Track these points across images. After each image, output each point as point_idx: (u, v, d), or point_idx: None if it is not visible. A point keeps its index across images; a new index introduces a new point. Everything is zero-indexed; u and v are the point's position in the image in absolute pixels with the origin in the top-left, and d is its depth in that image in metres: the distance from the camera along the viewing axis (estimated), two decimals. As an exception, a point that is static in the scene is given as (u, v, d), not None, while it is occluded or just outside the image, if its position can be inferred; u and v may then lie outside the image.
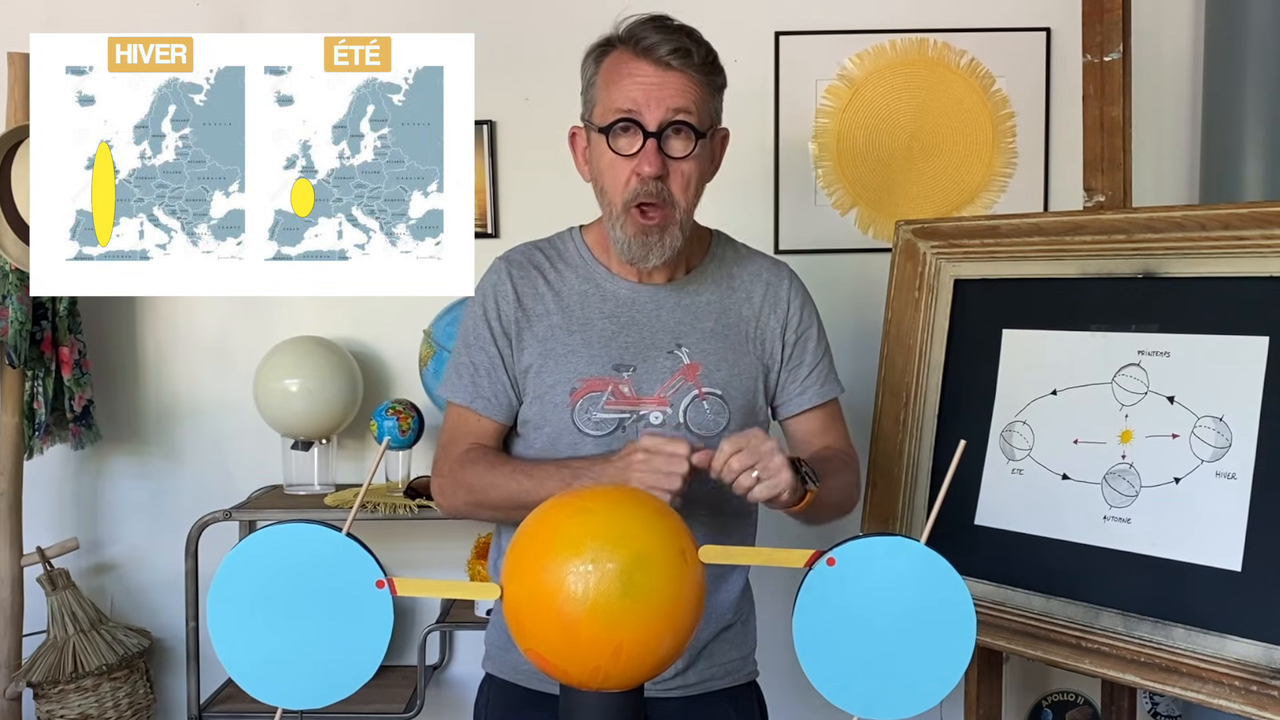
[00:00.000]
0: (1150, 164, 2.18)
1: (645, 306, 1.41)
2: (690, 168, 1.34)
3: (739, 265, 1.48)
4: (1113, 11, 1.66)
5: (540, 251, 1.46)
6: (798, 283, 1.50)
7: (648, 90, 1.31)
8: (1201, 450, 1.46)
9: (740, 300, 1.45)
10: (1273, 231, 1.40)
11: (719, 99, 1.40)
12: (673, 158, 1.32)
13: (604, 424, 1.38)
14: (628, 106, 1.31)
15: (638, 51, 1.32)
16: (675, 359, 1.40)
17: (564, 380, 1.38)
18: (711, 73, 1.36)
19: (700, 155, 1.35)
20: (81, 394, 2.20)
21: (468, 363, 1.44)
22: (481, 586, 0.93)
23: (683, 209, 1.35)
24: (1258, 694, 1.34)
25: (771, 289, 1.47)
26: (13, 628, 2.15)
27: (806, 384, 1.48)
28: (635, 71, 1.32)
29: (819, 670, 0.88)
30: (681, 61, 1.32)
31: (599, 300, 1.42)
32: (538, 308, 1.42)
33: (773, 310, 1.46)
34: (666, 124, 1.31)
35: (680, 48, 1.32)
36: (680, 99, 1.32)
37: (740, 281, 1.46)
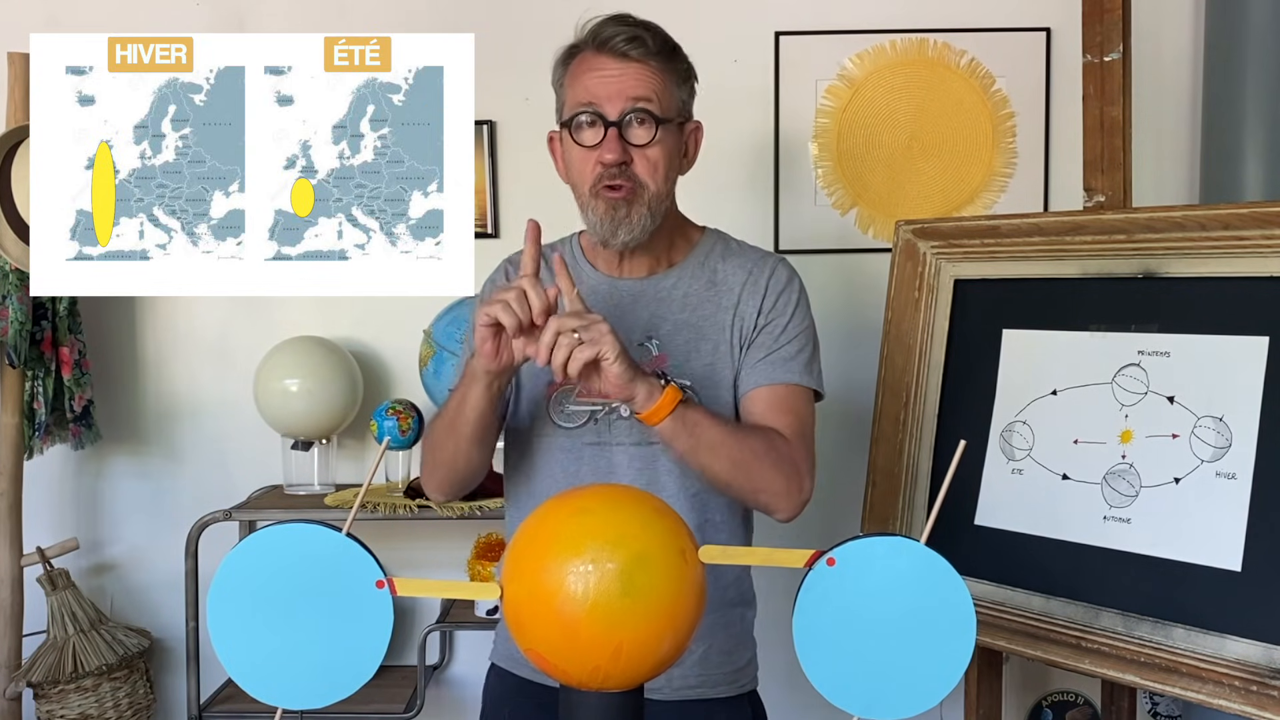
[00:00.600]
0: (1150, 164, 2.18)
1: (622, 300, 1.42)
2: (655, 153, 1.35)
3: (726, 260, 1.45)
4: (1113, 11, 1.66)
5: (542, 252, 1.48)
6: (783, 272, 1.44)
7: (607, 82, 1.33)
8: (1201, 450, 1.46)
9: (721, 293, 1.43)
10: (1273, 231, 1.40)
11: (685, 90, 1.40)
12: (635, 145, 1.34)
13: (575, 416, 1.39)
14: (588, 99, 1.34)
15: (597, 47, 1.35)
16: (645, 351, 1.40)
17: (543, 373, 1.40)
18: (672, 60, 1.37)
19: (664, 142, 1.35)
20: (81, 394, 2.20)
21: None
22: (481, 586, 0.93)
23: (651, 191, 1.35)
24: (1258, 694, 1.34)
25: (753, 278, 1.43)
26: (13, 628, 2.15)
27: (759, 365, 1.40)
28: (595, 66, 1.35)
29: (819, 670, 0.88)
30: (639, 51, 1.33)
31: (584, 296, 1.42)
32: None
33: (750, 297, 1.42)
34: (627, 113, 1.33)
35: (635, 37, 1.34)
36: (639, 88, 1.33)
37: (723, 275, 1.44)
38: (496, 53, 1.69)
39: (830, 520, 2.33)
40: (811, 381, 1.42)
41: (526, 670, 1.44)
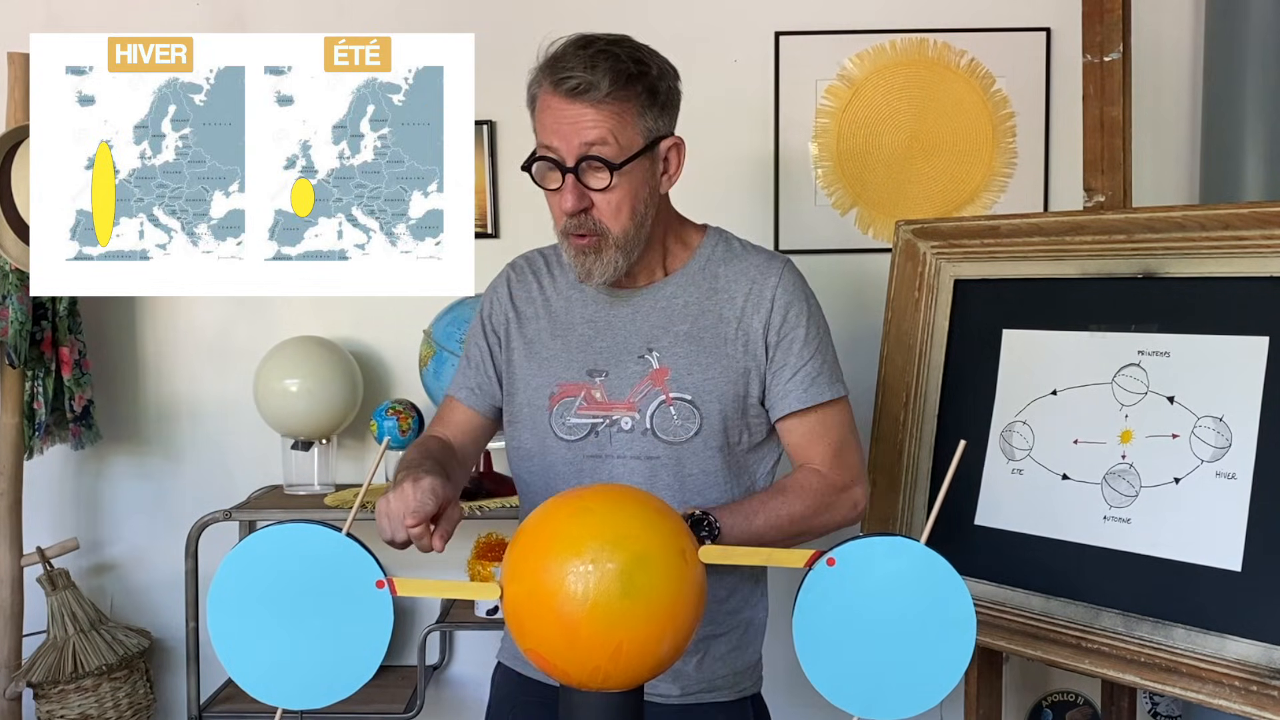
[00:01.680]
0: (1150, 164, 2.18)
1: (621, 311, 1.41)
2: (615, 197, 1.31)
3: (728, 264, 1.43)
4: (1113, 11, 1.66)
5: (543, 257, 1.50)
6: (789, 279, 1.41)
7: (561, 127, 1.29)
8: (1201, 450, 1.46)
9: (722, 302, 1.40)
10: (1273, 231, 1.40)
11: (653, 113, 1.33)
12: (594, 190, 1.31)
13: (576, 429, 1.39)
14: (546, 142, 1.31)
15: (553, 84, 1.30)
16: (645, 364, 1.39)
17: (545, 384, 1.41)
18: (631, 87, 1.29)
19: (624, 184, 1.31)
20: (81, 394, 2.20)
21: (464, 359, 1.51)
22: (481, 586, 0.93)
23: (616, 235, 1.33)
24: (1258, 694, 1.34)
25: (756, 287, 1.40)
26: (13, 628, 2.15)
27: (789, 388, 1.39)
28: (552, 105, 1.30)
29: (819, 670, 0.88)
30: (588, 95, 1.27)
31: (581, 306, 1.43)
32: (528, 310, 1.45)
33: (755, 310, 1.40)
34: (580, 159, 1.29)
35: (581, 82, 1.27)
36: (590, 132, 1.28)
37: (725, 281, 1.41)
38: (496, 53, 1.70)
39: (830, 520, 2.34)
40: (840, 390, 1.42)
41: (531, 669, 1.44)
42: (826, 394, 1.40)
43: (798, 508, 1.36)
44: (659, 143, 1.35)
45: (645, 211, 1.36)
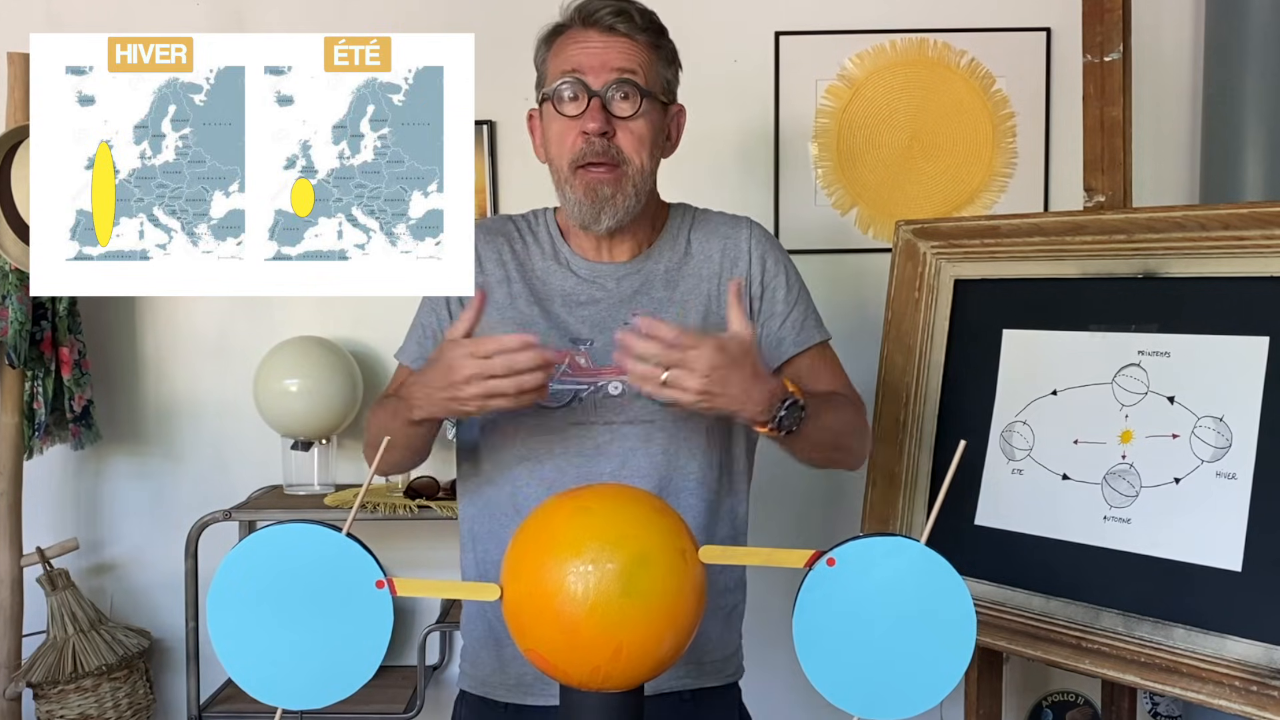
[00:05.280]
0: (1150, 164, 2.18)
1: (605, 284, 1.40)
2: (639, 127, 1.33)
3: (695, 229, 1.45)
4: (1113, 11, 1.66)
5: (513, 223, 1.49)
6: (758, 232, 1.45)
7: (591, 54, 1.33)
8: (1201, 450, 1.46)
9: (699, 263, 1.42)
10: (1273, 231, 1.40)
11: (671, 71, 1.40)
12: (619, 118, 1.33)
13: (560, 395, 1.36)
14: (571, 68, 1.33)
15: (583, 22, 1.35)
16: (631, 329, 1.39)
17: None
18: (658, 37, 1.37)
19: (649, 116, 1.34)
20: (81, 394, 2.20)
21: (418, 324, 1.49)
22: (481, 587, 0.93)
23: (635, 168, 1.34)
24: (1258, 694, 1.34)
25: (729, 243, 1.43)
26: (13, 628, 2.15)
27: (781, 335, 1.42)
28: (579, 39, 1.35)
29: (819, 671, 0.88)
30: (626, 25, 1.33)
31: (560, 278, 1.41)
32: (498, 272, 1.42)
33: (733, 265, 1.41)
34: (611, 84, 1.32)
35: (622, 11, 1.34)
36: (624, 60, 1.33)
37: (697, 245, 1.43)
38: (496, 53, 1.70)
39: (830, 520, 2.34)
40: (826, 333, 1.47)
41: (502, 692, 1.41)
42: (816, 336, 1.45)
43: (847, 416, 1.40)
44: (669, 105, 1.39)
45: (655, 162, 1.38)
